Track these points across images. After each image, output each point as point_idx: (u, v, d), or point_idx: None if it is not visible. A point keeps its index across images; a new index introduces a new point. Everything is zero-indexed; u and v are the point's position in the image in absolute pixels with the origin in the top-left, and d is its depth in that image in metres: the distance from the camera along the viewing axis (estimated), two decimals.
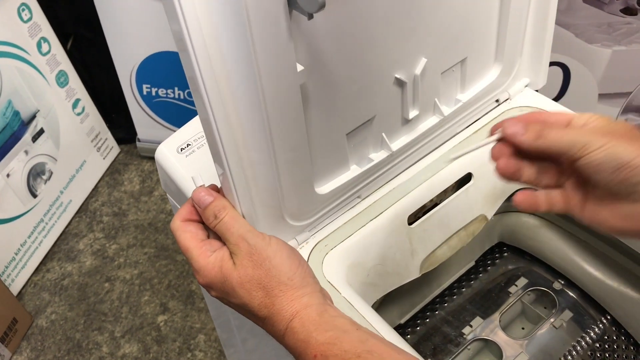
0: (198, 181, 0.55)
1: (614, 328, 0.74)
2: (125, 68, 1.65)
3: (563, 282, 0.78)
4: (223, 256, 0.51)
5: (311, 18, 0.45)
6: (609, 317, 0.75)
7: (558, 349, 0.73)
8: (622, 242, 0.69)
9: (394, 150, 0.64)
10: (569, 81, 1.36)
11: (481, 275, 0.82)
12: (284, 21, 0.44)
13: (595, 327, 0.74)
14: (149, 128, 1.78)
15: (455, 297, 0.80)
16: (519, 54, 0.71)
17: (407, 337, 0.77)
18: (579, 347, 0.73)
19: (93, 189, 1.77)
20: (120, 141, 1.87)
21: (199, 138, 0.70)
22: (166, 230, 1.64)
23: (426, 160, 0.69)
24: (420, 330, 0.78)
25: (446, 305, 0.80)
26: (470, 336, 0.74)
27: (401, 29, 0.56)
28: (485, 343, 0.75)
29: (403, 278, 0.68)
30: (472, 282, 0.81)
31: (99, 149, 1.79)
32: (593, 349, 0.73)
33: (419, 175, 0.67)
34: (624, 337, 0.73)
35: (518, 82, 0.74)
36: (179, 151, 0.69)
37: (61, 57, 1.62)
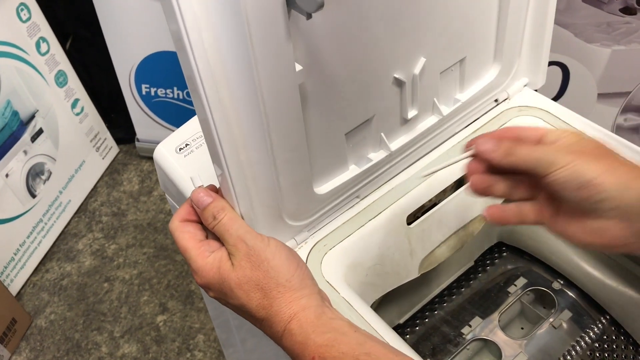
0: (197, 181, 0.54)
1: (613, 328, 0.74)
2: (124, 68, 1.65)
3: (562, 282, 0.78)
4: (221, 257, 0.51)
5: (310, 18, 0.45)
6: (608, 317, 0.75)
7: (557, 349, 0.73)
8: None
9: (393, 150, 0.64)
10: (568, 81, 1.36)
11: (480, 275, 0.82)
12: (283, 21, 0.44)
13: (594, 327, 0.74)
14: (148, 128, 1.77)
15: (454, 297, 0.80)
16: (518, 54, 0.71)
17: (406, 337, 0.77)
18: (578, 347, 0.73)
19: (92, 189, 1.77)
20: (119, 141, 1.87)
21: (198, 138, 0.70)
22: (165, 230, 1.64)
23: (425, 160, 0.69)
24: (419, 330, 0.78)
25: (445, 305, 0.80)
26: (469, 336, 0.74)
27: (400, 29, 0.56)
28: (484, 343, 0.75)
29: (402, 278, 0.68)
30: (471, 282, 0.81)
31: (98, 149, 1.78)
32: (592, 349, 0.73)
33: (418, 175, 0.67)
34: (623, 337, 0.73)
35: (517, 82, 0.74)
36: (178, 151, 0.69)
37: (60, 57, 1.62)
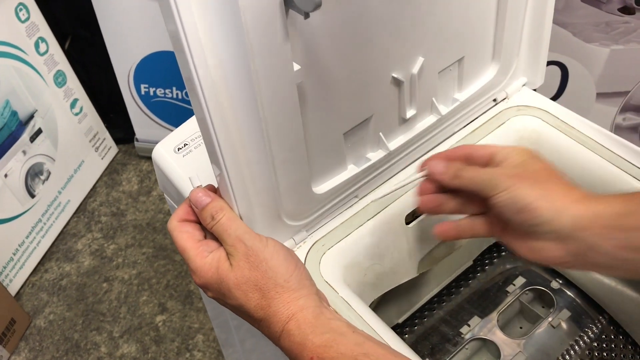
0: (195, 181, 0.54)
1: (612, 327, 0.74)
2: (123, 68, 1.65)
3: (561, 282, 0.78)
4: (220, 257, 0.50)
5: (307, 17, 0.45)
6: (607, 317, 0.75)
7: (556, 348, 0.73)
8: None
9: (392, 149, 0.64)
10: (567, 80, 1.36)
11: (479, 274, 0.82)
12: (280, 20, 0.44)
13: (593, 327, 0.74)
14: (147, 128, 1.77)
15: (453, 297, 0.80)
16: (517, 53, 0.71)
17: (405, 337, 0.77)
18: (577, 347, 0.73)
19: (91, 189, 1.77)
20: (118, 141, 1.87)
21: (196, 138, 0.70)
22: (164, 230, 1.64)
23: (424, 159, 0.69)
24: (418, 329, 0.78)
25: (444, 304, 0.80)
26: (468, 335, 0.74)
27: (398, 28, 0.56)
28: (483, 342, 0.75)
29: (401, 278, 0.68)
30: (470, 282, 0.81)
31: (97, 149, 1.78)
32: (591, 348, 0.73)
33: (417, 175, 0.67)
34: (622, 336, 0.73)
35: (515, 82, 0.74)
36: (176, 151, 0.69)
37: (59, 57, 1.62)
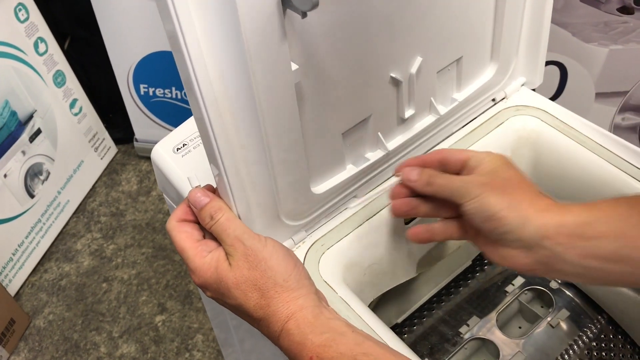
0: (194, 181, 0.54)
1: (611, 327, 0.74)
2: (122, 68, 1.65)
3: (560, 281, 0.78)
4: (219, 257, 0.50)
5: (305, 16, 0.45)
6: (606, 316, 0.75)
7: (555, 348, 0.73)
8: None
9: (390, 149, 0.64)
10: (566, 80, 1.36)
11: (478, 274, 0.82)
12: (278, 20, 0.44)
13: (592, 326, 0.74)
14: (147, 128, 1.77)
15: (452, 297, 0.80)
16: (515, 53, 0.71)
17: (404, 337, 0.77)
18: (576, 346, 0.73)
19: (91, 189, 1.77)
20: (117, 141, 1.87)
21: (195, 138, 0.70)
22: (164, 230, 1.64)
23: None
24: (417, 329, 0.78)
25: (443, 304, 0.80)
26: (467, 335, 0.74)
27: (396, 28, 0.56)
28: (482, 342, 0.75)
29: (400, 277, 0.68)
30: (469, 282, 0.81)
31: (97, 149, 1.78)
32: (590, 348, 0.73)
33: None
34: (621, 336, 0.73)
35: (514, 81, 0.74)
36: (175, 151, 0.69)
37: (58, 57, 1.62)
